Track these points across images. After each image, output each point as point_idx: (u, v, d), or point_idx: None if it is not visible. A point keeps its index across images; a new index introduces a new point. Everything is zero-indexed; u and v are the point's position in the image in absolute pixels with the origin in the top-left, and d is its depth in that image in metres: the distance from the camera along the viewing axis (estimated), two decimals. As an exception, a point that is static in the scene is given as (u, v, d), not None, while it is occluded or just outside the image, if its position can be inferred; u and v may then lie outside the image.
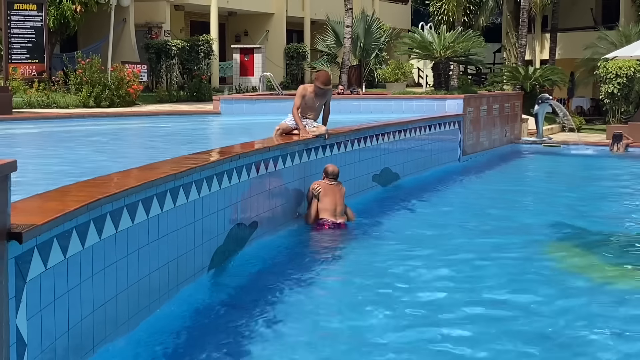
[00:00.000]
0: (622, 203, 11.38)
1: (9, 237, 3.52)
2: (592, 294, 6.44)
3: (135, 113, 16.30)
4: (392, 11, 38.45)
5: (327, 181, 8.73)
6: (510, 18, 33.09)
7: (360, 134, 10.58)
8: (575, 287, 6.63)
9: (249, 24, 31.63)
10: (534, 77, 23.19)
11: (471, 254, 7.65)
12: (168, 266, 5.70)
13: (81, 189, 4.89)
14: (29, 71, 18.96)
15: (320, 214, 8.57)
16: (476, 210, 10.30)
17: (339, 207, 8.67)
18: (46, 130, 12.60)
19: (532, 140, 18.68)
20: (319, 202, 8.57)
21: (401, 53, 20.06)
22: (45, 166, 7.88)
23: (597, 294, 6.45)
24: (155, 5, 26.29)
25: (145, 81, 22.56)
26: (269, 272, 7.00)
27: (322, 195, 8.57)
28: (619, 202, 11.39)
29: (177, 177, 5.80)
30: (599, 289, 6.59)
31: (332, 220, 8.57)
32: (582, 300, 6.22)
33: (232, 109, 15.71)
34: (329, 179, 8.73)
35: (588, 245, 8.16)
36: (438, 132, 13.73)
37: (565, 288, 6.56)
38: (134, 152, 9.99)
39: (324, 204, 8.57)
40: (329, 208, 8.58)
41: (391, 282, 6.61)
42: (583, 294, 6.41)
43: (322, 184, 8.67)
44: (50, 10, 20.04)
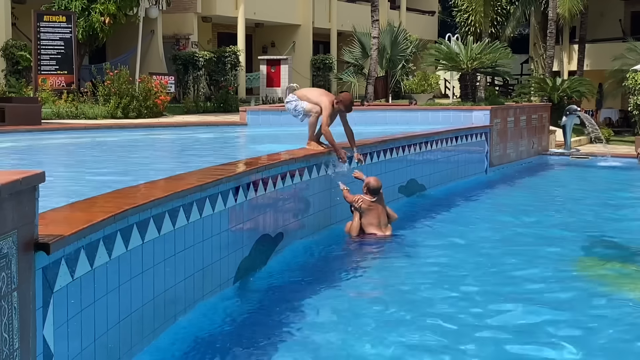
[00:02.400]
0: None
1: (36, 248, 3.54)
2: (623, 307, 6.35)
3: (162, 124, 16.40)
4: (419, 22, 38.41)
5: (369, 197, 8.62)
6: (537, 29, 32.95)
7: (386, 145, 10.55)
8: (604, 301, 6.53)
9: (276, 35, 31.76)
10: (561, 89, 23.03)
11: (499, 266, 7.58)
12: (194, 277, 5.70)
13: (108, 200, 4.91)
14: (58, 82, 19.17)
15: (366, 229, 8.54)
16: (503, 223, 10.19)
17: (384, 219, 8.58)
18: (74, 140, 12.71)
19: (559, 152, 18.51)
20: (363, 217, 8.50)
21: (428, 64, 20.04)
22: (72, 177, 7.93)
23: (628, 307, 6.35)
24: (183, 17, 26.50)
25: (172, 92, 22.72)
26: (295, 284, 6.98)
27: (366, 210, 8.49)
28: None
29: (204, 188, 5.82)
30: (629, 302, 6.49)
31: (379, 233, 8.53)
32: (614, 315, 6.12)
33: (258, 120, 15.75)
34: (371, 195, 8.61)
35: (617, 259, 8.05)
36: (464, 144, 13.66)
37: (595, 303, 6.46)
38: (160, 162, 10.04)
39: (368, 219, 8.51)
40: (374, 222, 8.53)
41: (420, 300, 6.50)
42: (613, 308, 6.31)
43: (364, 200, 8.56)
44: (80, 22, 20.26)
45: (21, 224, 3.37)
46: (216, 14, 27.63)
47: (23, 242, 3.40)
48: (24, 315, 3.42)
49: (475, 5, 28.85)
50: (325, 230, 8.67)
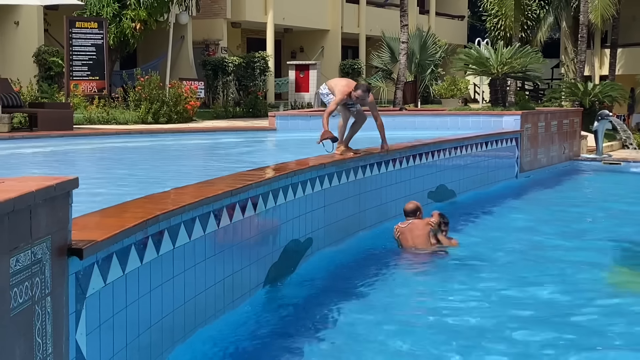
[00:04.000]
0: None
1: (69, 253, 3.58)
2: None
3: (192, 129, 16.50)
4: (448, 27, 38.27)
5: (400, 224, 8.50)
6: (568, 33, 32.65)
7: (416, 150, 10.51)
8: (623, 307, 6.45)
9: (305, 40, 31.83)
10: (593, 93, 22.79)
11: (531, 276, 7.51)
12: (224, 282, 5.72)
13: (140, 206, 4.95)
14: (89, 88, 19.36)
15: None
16: (534, 230, 10.11)
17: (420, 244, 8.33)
18: (106, 146, 12.83)
19: (591, 157, 18.31)
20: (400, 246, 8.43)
21: (457, 69, 19.94)
22: (104, 182, 8.00)
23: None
24: (213, 23, 26.66)
25: (202, 97, 22.85)
26: (324, 289, 6.98)
27: (401, 239, 8.40)
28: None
29: (234, 194, 5.84)
30: None
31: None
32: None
33: (287, 125, 15.78)
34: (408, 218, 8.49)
35: None
36: (495, 149, 13.57)
37: (630, 314, 6.37)
38: (191, 167, 10.10)
39: (404, 246, 8.40)
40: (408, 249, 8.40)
41: (449, 308, 6.44)
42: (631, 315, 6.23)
43: (398, 228, 8.43)
44: (111, 28, 20.45)
45: (55, 230, 3.40)
46: (245, 19, 27.77)
47: (57, 248, 3.43)
48: (57, 320, 3.46)
49: (506, 10, 28.64)
50: (354, 236, 8.66)
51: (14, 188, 3.12)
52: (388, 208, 9.59)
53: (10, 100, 14.31)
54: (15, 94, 14.82)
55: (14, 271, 3.08)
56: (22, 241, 3.12)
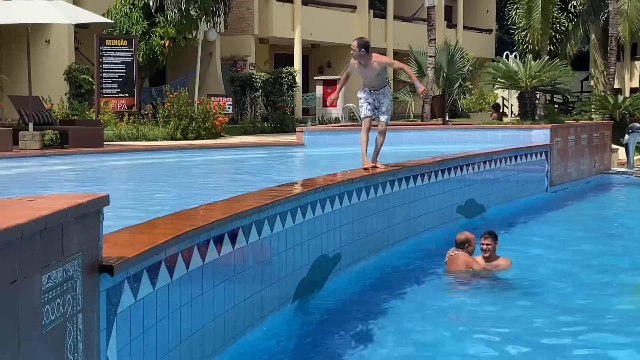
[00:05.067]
0: None
1: (100, 270, 3.60)
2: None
3: (220, 145, 16.59)
4: (476, 40, 38.18)
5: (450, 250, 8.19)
6: (598, 46, 32.44)
7: (444, 164, 10.47)
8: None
9: (332, 55, 31.92)
10: (623, 106, 22.52)
11: (564, 290, 7.42)
12: (253, 298, 5.72)
13: (169, 222, 4.98)
14: (119, 105, 19.56)
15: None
16: (566, 245, 9.99)
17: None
18: (136, 162, 12.93)
19: (622, 170, 18.10)
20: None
21: (486, 83, 19.87)
22: (134, 198, 8.06)
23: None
24: (241, 39, 26.86)
25: (230, 113, 22.99)
26: (352, 305, 6.95)
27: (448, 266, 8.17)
28: None
29: (262, 210, 5.85)
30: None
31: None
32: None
33: (315, 140, 15.80)
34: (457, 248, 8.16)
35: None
36: (524, 163, 13.47)
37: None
38: (220, 183, 10.14)
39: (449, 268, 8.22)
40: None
41: (479, 328, 6.35)
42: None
43: (447, 255, 8.17)
44: (140, 46, 20.68)
45: (86, 247, 3.43)
46: (273, 35, 27.94)
47: (88, 265, 3.46)
48: (89, 336, 3.48)
49: (533, 23, 28.53)
50: (383, 252, 8.62)
51: (46, 206, 3.15)
52: (417, 223, 9.55)
53: (41, 117, 14.51)
54: (46, 112, 15.02)
55: (45, 288, 3.10)
56: (54, 259, 3.15)
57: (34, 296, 3.01)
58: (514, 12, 33.86)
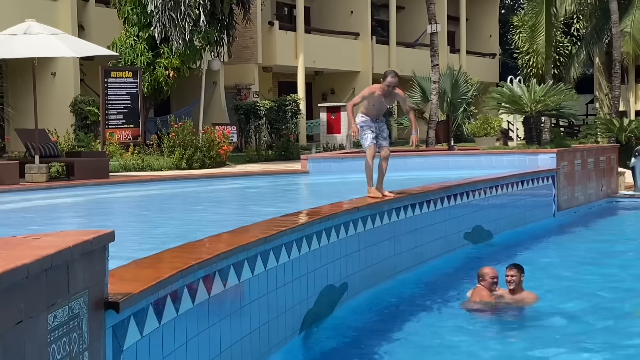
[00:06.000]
0: None
1: (106, 307, 3.58)
2: None
3: (225, 174, 16.60)
4: (480, 65, 38.31)
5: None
6: (602, 69, 32.51)
7: (450, 191, 10.44)
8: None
9: (335, 82, 32.06)
10: (629, 129, 22.50)
11: (574, 317, 7.36)
12: (259, 330, 5.68)
13: (174, 255, 4.96)
14: (124, 136, 19.63)
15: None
16: (575, 271, 9.91)
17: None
18: (141, 193, 12.94)
19: (629, 194, 18.02)
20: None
21: (490, 108, 19.86)
22: (140, 230, 8.05)
23: None
24: (245, 68, 27.00)
25: (234, 142, 23.05)
26: (359, 335, 6.90)
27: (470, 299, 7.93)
28: None
29: (267, 240, 5.82)
30: None
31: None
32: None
33: (319, 167, 15.79)
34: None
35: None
36: (531, 188, 13.43)
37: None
38: (225, 213, 10.13)
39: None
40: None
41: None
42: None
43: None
44: (145, 77, 20.79)
45: (92, 284, 3.41)
46: (276, 63, 28.09)
47: (93, 302, 3.44)
48: (94, 374, 3.45)
49: (537, 47, 28.62)
50: (390, 280, 8.57)
51: (51, 244, 3.14)
52: (423, 251, 9.51)
53: (47, 150, 14.56)
54: (52, 144, 15.07)
55: (51, 327, 3.08)
56: (59, 297, 3.13)
57: (39, 336, 2.99)
58: (517, 36, 34.05)
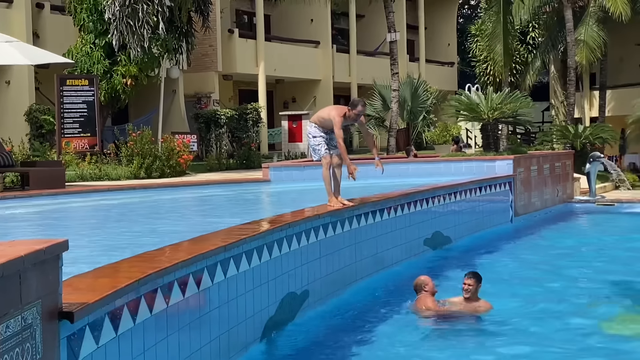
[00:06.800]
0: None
1: (60, 317, 3.51)
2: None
3: (185, 183, 16.47)
4: (439, 74, 38.64)
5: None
6: (557, 77, 33.00)
7: (410, 198, 10.49)
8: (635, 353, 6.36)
9: (297, 90, 32.07)
10: (584, 136, 22.93)
11: (529, 321, 7.42)
12: (219, 339, 5.63)
13: (132, 265, 4.89)
14: (81, 145, 19.37)
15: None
16: (531, 275, 10.02)
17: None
18: (98, 203, 12.76)
19: (584, 199, 18.32)
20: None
21: (449, 115, 20.06)
22: (96, 240, 7.93)
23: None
24: (204, 76, 26.85)
25: (195, 151, 22.89)
26: (320, 342, 6.88)
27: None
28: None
29: (227, 249, 5.78)
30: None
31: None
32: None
33: (281, 176, 15.76)
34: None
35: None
36: (489, 194, 13.56)
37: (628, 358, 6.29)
38: (184, 223, 10.03)
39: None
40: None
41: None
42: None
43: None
44: (102, 85, 20.56)
45: (45, 294, 3.34)
46: (237, 71, 28.00)
47: (47, 312, 3.36)
48: (49, 386, 3.37)
49: (494, 56, 28.95)
50: (352, 286, 8.56)
51: (3, 253, 3.07)
52: (384, 257, 9.53)
53: (2, 160, 14.28)
54: (6, 154, 14.79)
55: (4, 338, 3.01)
56: (11, 307, 3.06)
57: (-10, 347, 2.91)
58: (475, 45, 34.42)
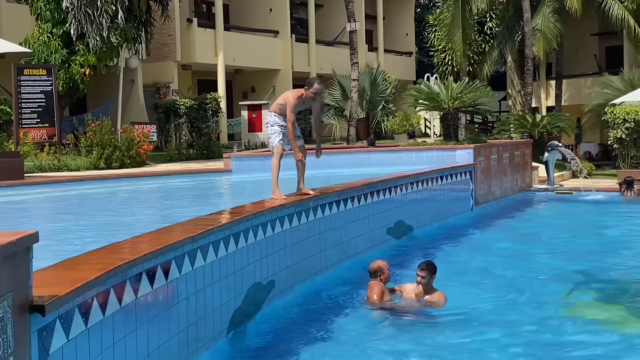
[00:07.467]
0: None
1: (31, 310, 3.47)
2: (617, 346, 6.31)
3: (146, 173, 16.32)
4: (397, 63, 38.79)
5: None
6: (514, 67, 33.36)
7: (373, 187, 10.54)
8: (597, 340, 6.49)
9: (256, 80, 31.93)
10: (541, 125, 23.23)
11: (488, 309, 7.53)
12: (187, 330, 5.62)
13: (100, 257, 4.85)
14: (39, 135, 19.08)
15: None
16: (491, 262, 10.16)
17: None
18: (58, 194, 12.60)
19: (543, 187, 18.60)
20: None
21: (409, 105, 20.15)
22: (60, 232, 7.83)
23: (622, 345, 6.32)
24: (163, 66, 26.60)
25: (154, 141, 22.68)
26: (287, 331, 6.90)
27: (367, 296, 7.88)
28: (638, 249, 11.25)
29: (195, 239, 5.76)
30: (624, 341, 6.46)
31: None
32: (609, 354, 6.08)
33: (242, 166, 15.72)
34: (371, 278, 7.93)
35: (608, 296, 8.02)
36: (450, 183, 13.70)
37: (587, 342, 6.41)
38: (148, 214, 9.97)
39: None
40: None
41: (401, 350, 6.41)
42: (607, 347, 6.28)
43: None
44: (60, 75, 20.25)
45: (16, 287, 3.30)
46: (196, 61, 27.77)
47: (18, 305, 3.33)
48: (20, 380, 3.34)
49: (454, 45, 29.18)
50: (317, 276, 8.60)
51: (-28, 246, 3.03)
52: (348, 247, 9.58)
53: (-42, 150, 14.01)
54: (-37, 144, 14.52)
55: (-26, 332, 2.97)
56: (-18, 301, 3.02)
57: (-38, 342, 2.88)
58: (433, 34, 34.63)
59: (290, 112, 8.04)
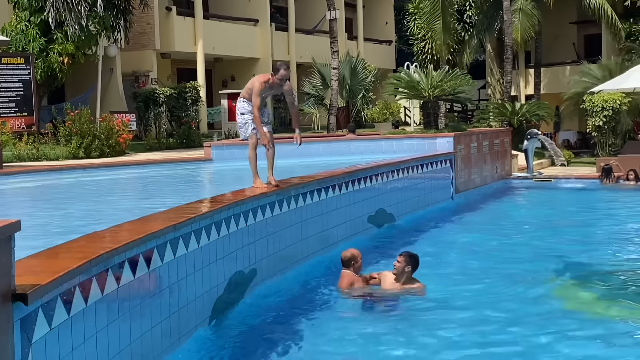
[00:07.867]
0: (618, 235, 11.36)
1: (14, 299, 3.46)
2: (595, 330, 6.39)
3: (125, 162, 16.26)
4: (377, 52, 38.81)
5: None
6: (493, 55, 33.49)
7: (354, 175, 10.56)
8: (576, 324, 6.56)
9: (236, 69, 31.83)
10: (521, 113, 23.38)
11: (467, 296, 7.59)
12: (170, 319, 5.62)
13: (82, 245, 4.83)
14: (17, 124, 18.94)
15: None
16: (472, 250, 10.24)
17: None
18: (38, 183, 12.52)
19: (522, 175, 18.73)
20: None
21: (389, 93, 20.19)
22: (41, 221, 7.79)
23: (600, 329, 6.40)
24: (142, 54, 26.45)
25: (134, 130, 22.58)
26: (269, 321, 6.91)
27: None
28: (616, 235, 11.36)
29: (177, 228, 5.75)
30: (602, 325, 6.54)
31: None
32: (588, 339, 6.16)
33: (223, 154, 15.69)
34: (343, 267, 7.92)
35: (587, 282, 8.10)
36: (430, 171, 13.74)
37: (567, 327, 6.49)
38: (129, 203, 9.93)
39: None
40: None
41: (388, 337, 6.44)
42: (586, 331, 6.35)
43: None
44: (38, 63, 20.08)
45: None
46: (175, 50, 27.64)
47: (0, 294, 3.31)
48: (3, 369, 3.33)
49: (433, 34, 29.23)
50: (299, 264, 8.62)
51: (-46, 235, 3.01)
52: (330, 235, 9.60)
53: None
54: (-60, 134, 14.39)
55: (-44, 321, 2.96)
56: (-36, 290, 3.01)
57: (-56, 331, 2.86)
58: (413, 23, 34.66)
59: (255, 97, 8.04)
